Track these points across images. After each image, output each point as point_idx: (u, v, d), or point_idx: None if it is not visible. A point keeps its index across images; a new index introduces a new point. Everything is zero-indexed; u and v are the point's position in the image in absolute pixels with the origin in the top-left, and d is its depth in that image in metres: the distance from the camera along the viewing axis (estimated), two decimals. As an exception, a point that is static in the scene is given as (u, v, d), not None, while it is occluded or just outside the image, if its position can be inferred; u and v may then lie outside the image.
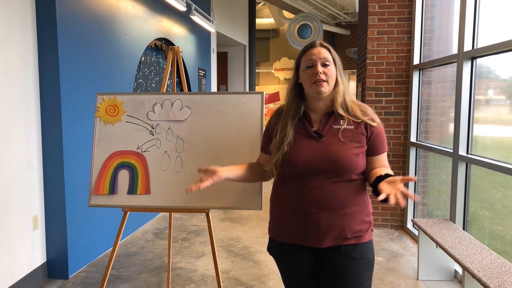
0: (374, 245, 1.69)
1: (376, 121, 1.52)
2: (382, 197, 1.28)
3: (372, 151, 1.52)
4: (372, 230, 1.59)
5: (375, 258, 3.41)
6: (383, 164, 1.54)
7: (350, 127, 1.50)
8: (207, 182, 1.52)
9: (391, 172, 1.48)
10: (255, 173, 1.69)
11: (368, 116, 1.52)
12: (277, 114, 1.62)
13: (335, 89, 1.52)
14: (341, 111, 1.50)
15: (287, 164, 1.52)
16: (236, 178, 1.65)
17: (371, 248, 1.56)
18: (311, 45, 1.53)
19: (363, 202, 1.53)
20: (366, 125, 1.50)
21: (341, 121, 1.51)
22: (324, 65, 1.49)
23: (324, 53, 1.50)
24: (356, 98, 4.90)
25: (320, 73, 1.47)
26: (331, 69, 1.49)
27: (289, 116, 1.55)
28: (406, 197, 1.28)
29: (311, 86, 1.49)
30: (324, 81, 1.47)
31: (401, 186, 1.30)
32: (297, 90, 1.58)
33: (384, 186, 1.33)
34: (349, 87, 1.60)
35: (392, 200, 1.25)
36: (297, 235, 1.54)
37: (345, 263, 1.51)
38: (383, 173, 1.43)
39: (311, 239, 1.52)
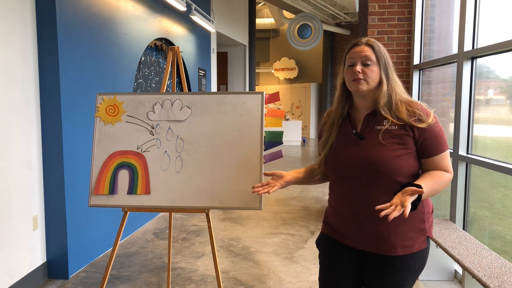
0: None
1: (426, 122, 1.41)
2: (379, 206, 1.25)
3: (423, 153, 1.44)
4: (429, 237, 1.48)
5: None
6: (437, 167, 1.44)
7: (393, 127, 1.43)
8: (276, 188, 1.59)
9: (435, 178, 1.40)
10: (313, 175, 1.69)
11: (415, 117, 1.42)
12: (328, 113, 1.64)
13: (378, 89, 1.47)
14: (383, 112, 1.45)
15: (328, 167, 1.55)
16: (297, 181, 1.68)
17: (422, 257, 1.47)
18: (356, 43, 1.51)
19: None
20: (413, 127, 1.42)
21: (384, 121, 1.44)
22: (365, 64, 1.46)
23: (366, 51, 1.46)
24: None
25: (358, 72, 1.45)
26: (372, 69, 1.45)
27: (336, 115, 1.57)
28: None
29: (350, 84, 1.48)
30: (362, 79, 1.45)
31: (406, 198, 1.25)
32: (345, 88, 1.56)
33: (395, 196, 1.28)
34: (401, 86, 1.51)
35: (384, 211, 1.22)
36: (342, 233, 1.54)
37: (387, 273, 1.45)
38: (417, 180, 1.38)
39: (354, 240, 1.50)
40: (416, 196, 1.27)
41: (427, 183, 1.36)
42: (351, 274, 1.55)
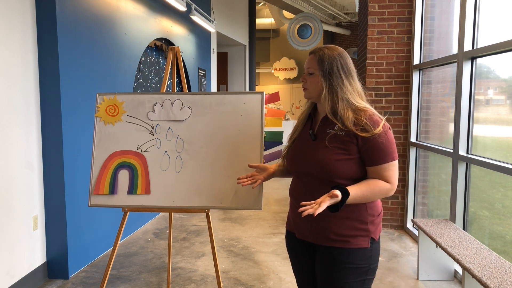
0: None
1: (370, 132, 1.45)
2: (303, 202, 1.38)
3: (366, 161, 1.50)
4: (374, 239, 1.53)
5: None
6: (379, 176, 1.49)
7: (341, 133, 1.50)
8: (258, 182, 1.70)
9: (371, 186, 1.47)
10: (283, 167, 1.80)
11: (359, 126, 1.46)
12: (303, 113, 1.75)
13: (320, 97, 1.55)
14: (331, 117, 1.52)
15: (287, 161, 1.69)
16: (279, 174, 1.79)
17: (364, 256, 1.51)
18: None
19: (355, 209, 1.50)
20: (357, 135, 1.46)
21: (336, 126, 1.52)
22: (309, 73, 1.57)
23: (308, 61, 1.57)
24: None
25: (303, 81, 1.60)
26: (312, 77, 1.56)
27: (303, 114, 1.69)
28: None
29: None
30: (306, 88, 1.59)
31: (325, 199, 1.36)
32: None
33: (322, 196, 1.39)
34: (355, 94, 1.53)
35: (303, 208, 1.35)
36: (296, 226, 1.65)
37: (329, 264, 1.54)
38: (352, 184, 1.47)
39: (304, 233, 1.61)
40: (338, 199, 1.38)
41: (359, 189, 1.45)
42: (311, 267, 1.65)
